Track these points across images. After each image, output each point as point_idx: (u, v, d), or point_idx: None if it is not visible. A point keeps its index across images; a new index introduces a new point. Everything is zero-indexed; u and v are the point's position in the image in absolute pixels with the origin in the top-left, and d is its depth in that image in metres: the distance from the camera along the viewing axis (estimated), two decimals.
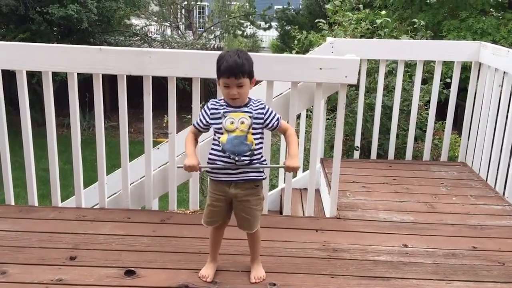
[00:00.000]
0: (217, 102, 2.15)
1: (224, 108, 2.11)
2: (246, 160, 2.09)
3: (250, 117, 2.09)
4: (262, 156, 2.17)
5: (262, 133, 2.15)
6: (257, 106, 2.13)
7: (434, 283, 2.28)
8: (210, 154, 2.16)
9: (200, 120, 2.16)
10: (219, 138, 2.10)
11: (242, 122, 2.08)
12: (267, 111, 2.15)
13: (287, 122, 2.92)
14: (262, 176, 2.19)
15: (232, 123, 2.08)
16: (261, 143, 2.15)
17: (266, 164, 2.25)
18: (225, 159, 2.10)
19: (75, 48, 2.75)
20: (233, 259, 2.41)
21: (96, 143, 2.89)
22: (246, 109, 2.11)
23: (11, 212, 2.86)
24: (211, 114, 2.13)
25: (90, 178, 3.49)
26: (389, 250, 2.56)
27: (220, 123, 2.10)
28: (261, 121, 2.13)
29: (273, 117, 2.15)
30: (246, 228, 2.22)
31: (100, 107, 2.83)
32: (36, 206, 2.99)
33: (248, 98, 2.13)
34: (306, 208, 3.05)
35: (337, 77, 2.72)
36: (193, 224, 2.78)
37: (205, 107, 2.17)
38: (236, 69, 2.00)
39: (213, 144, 2.15)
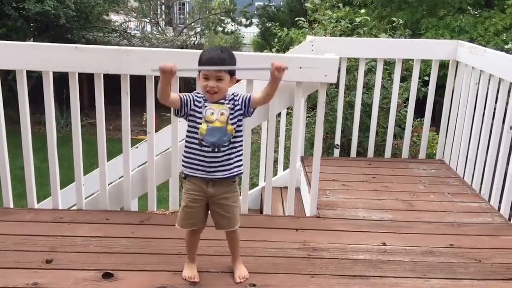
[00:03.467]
0: (197, 94, 2.13)
1: (203, 103, 2.09)
2: (226, 150, 2.09)
3: (229, 108, 2.09)
4: (241, 146, 2.16)
5: (241, 121, 2.13)
6: (231, 97, 2.12)
7: (412, 281, 2.31)
8: (185, 152, 2.13)
9: (187, 96, 2.10)
10: (197, 129, 2.08)
11: (222, 114, 2.08)
12: (239, 96, 2.13)
13: (268, 122, 2.92)
14: (241, 170, 2.18)
15: (212, 113, 2.07)
16: (240, 131, 2.14)
17: (241, 155, 2.20)
18: (203, 153, 2.08)
19: (51, 46, 2.69)
20: (212, 260, 2.39)
21: (73, 144, 2.83)
22: (224, 101, 2.10)
23: None
24: (195, 100, 2.10)
25: (68, 177, 3.42)
26: (368, 249, 2.58)
27: (201, 112, 2.08)
28: (238, 107, 2.11)
29: (245, 96, 2.13)
30: (227, 226, 2.19)
31: (77, 107, 2.78)
32: (12, 208, 2.92)
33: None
34: (287, 207, 3.05)
35: (316, 76, 2.72)
36: (172, 224, 2.69)
37: (192, 94, 2.13)
38: (217, 61, 2.00)
39: (188, 141, 2.13)
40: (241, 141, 2.16)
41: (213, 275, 2.29)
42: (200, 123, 2.07)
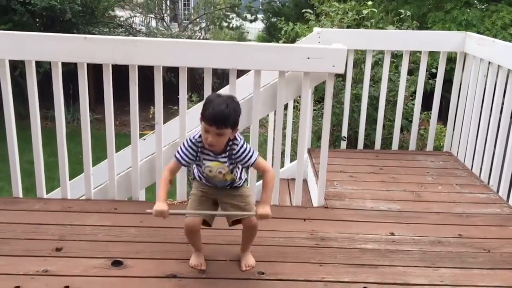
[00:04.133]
0: (196, 143, 2.12)
1: (201, 151, 2.12)
2: (227, 186, 2.21)
3: (227, 166, 2.13)
4: (242, 178, 2.23)
5: (241, 168, 2.21)
6: (229, 148, 2.11)
7: (421, 270, 2.31)
8: (194, 171, 2.24)
9: (183, 151, 2.14)
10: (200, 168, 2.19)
11: (220, 172, 2.13)
12: (244, 151, 2.12)
13: (275, 113, 2.92)
14: (242, 181, 2.25)
15: (210, 171, 2.14)
16: (240, 170, 2.21)
17: (247, 180, 2.31)
18: (208, 183, 2.21)
19: (59, 37, 2.70)
20: (220, 248, 2.40)
21: (82, 131, 2.84)
22: (224, 155, 2.12)
23: None
24: (191, 154, 2.13)
25: (75, 171, 3.44)
26: (376, 239, 2.58)
27: (200, 165, 2.17)
28: (238, 160, 2.14)
29: (250, 156, 2.13)
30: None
31: (85, 96, 2.79)
32: (21, 198, 2.94)
33: (230, 139, 2.11)
34: (294, 198, 3.06)
35: (324, 66, 2.71)
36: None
37: (187, 142, 2.14)
38: (220, 120, 1.99)
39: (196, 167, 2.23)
40: (241, 176, 2.23)
41: (221, 263, 2.30)
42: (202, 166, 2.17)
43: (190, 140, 2.13)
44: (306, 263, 2.33)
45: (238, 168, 2.18)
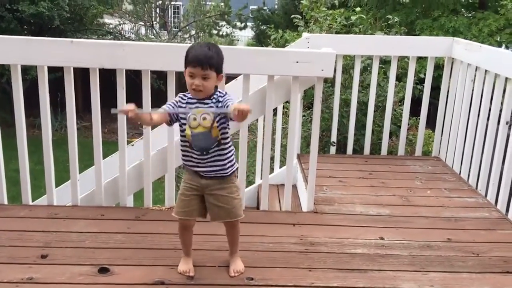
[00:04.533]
0: (184, 96, 2.11)
1: (187, 102, 2.08)
2: (214, 151, 2.08)
3: (212, 113, 2.05)
4: (230, 145, 2.15)
5: (227, 122, 2.10)
6: (216, 97, 2.07)
7: (410, 274, 2.30)
8: (180, 147, 2.15)
9: (171, 102, 2.11)
10: (184, 131, 2.09)
11: (204, 118, 2.04)
12: (224, 99, 2.06)
13: (264, 117, 2.91)
14: (231, 170, 2.15)
15: (194, 119, 2.05)
16: (227, 132, 2.12)
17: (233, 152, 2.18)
18: (193, 153, 2.10)
19: (46, 41, 2.68)
20: (209, 254, 2.38)
21: (68, 134, 2.80)
22: (208, 101, 2.06)
23: None
24: (178, 106, 2.09)
25: (63, 179, 3.39)
26: (366, 243, 2.57)
27: (185, 118, 2.08)
28: (222, 101, 2.06)
29: (229, 102, 2.05)
30: (224, 216, 2.16)
31: (72, 101, 2.75)
32: (6, 204, 2.89)
33: (215, 91, 2.08)
34: (283, 203, 3.04)
35: (313, 70, 2.71)
36: (168, 220, 2.71)
37: (176, 98, 2.14)
38: (203, 60, 1.96)
39: (181, 139, 2.15)
40: (229, 141, 2.15)
41: (210, 269, 2.27)
42: (185, 129, 2.08)
43: (179, 96, 2.11)
44: (295, 268, 2.31)
45: (225, 129, 2.09)
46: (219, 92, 2.09)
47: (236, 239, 2.28)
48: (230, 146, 2.15)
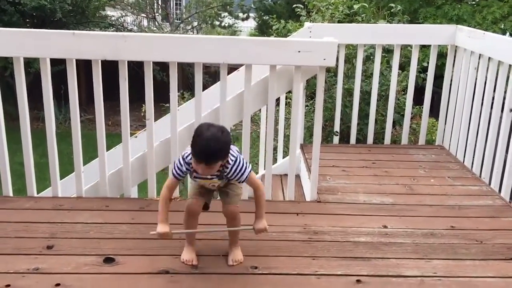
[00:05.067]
0: (188, 163, 2.11)
1: (193, 171, 2.12)
2: None
3: (219, 182, 2.16)
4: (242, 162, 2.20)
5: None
6: (226, 171, 2.11)
7: (414, 262, 2.30)
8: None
9: (179, 168, 2.14)
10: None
11: (213, 185, 2.18)
12: (236, 170, 2.11)
13: (267, 108, 2.91)
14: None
15: (203, 185, 2.18)
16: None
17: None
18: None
19: (48, 33, 2.67)
20: (213, 244, 2.39)
21: (71, 125, 2.81)
22: (215, 175, 2.12)
23: None
24: (185, 172, 2.15)
25: (68, 171, 3.41)
26: (369, 232, 2.58)
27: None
28: (229, 176, 2.14)
29: (241, 174, 2.13)
30: (227, 201, 2.22)
31: (75, 94, 2.76)
32: (11, 197, 2.91)
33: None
34: (287, 192, 3.05)
35: (315, 60, 2.71)
36: (173, 210, 2.72)
37: (180, 161, 2.13)
38: (209, 157, 1.98)
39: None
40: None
41: (213, 258, 2.29)
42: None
43: (183, 159, 2.12)
44: (299, 257, 2.32)
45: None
46: (227, 163, 2.10)
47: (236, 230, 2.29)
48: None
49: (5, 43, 2.63)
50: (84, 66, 2.80)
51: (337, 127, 4.01)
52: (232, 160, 2.10)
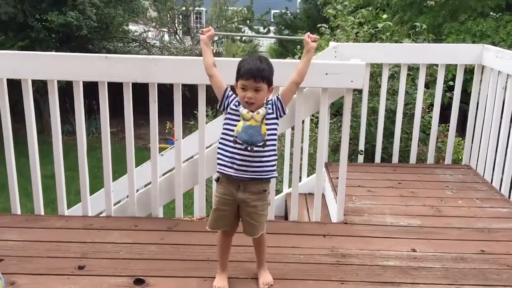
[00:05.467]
0: (237, 102, 2.16)
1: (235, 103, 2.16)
2: (259, 150, 2.10)
3: (264, 107, 2.13)
4: (275, 153, 2.17)
5: (276, 125, 2.16)
6: (268, 103, 2.15)
7: (444, 287, 2.28)
8: (219, 149, 2.17)
9: (231, 93, 2.19)
10: (234, 126, 2.12)
11: (258, 113, 2.11)
12: (270, 101, 2.17)
13: (292, 129, 2.93)
14: (273, 174, 2.18)
15: (248, 112, 2.10)
16: (274, 134, 2.16)
17: (275, 156, 2.20)
18: (235, 150, 2.11)
19: (82, 57, 2.75)
20: (242, 266, 2.40)
21: (102, 150, 2.88)
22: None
23: (17, 222, 2.85)
24: (235, 100, 2.16)
25: (91, 185, 3.46)
26: (398, 255, 2.56)
27: (238, 110, 2.12)
28: (270, 111, 2.14)
29: (274, 99, 2.18)
30: (250, 233, 2.21)
31: (106, 115, 2.83)
32: (43, 215, 2.97)
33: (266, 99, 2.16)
34: (313, 213, 3.05)
35: (343, 82, 2.72)
36: (200, 231, 2.77)
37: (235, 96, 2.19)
38: (256, 72, 2.02)
39: (222, 139, 2.16)
40: (274, 145, 2.16)
41: (242, 281, 2.30)
42: (238, 120, 2.12)
43: (234, 95, 2.17)
44: (327, 281, 2.31)
45: (273, 124, 2.16)
46: (269, 100, 2.16)
47: (262, 250, 2.30)
48: (274, 153, 2.17)
49: (40, 66, 2.72)
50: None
51: (361, 146, 4.00)
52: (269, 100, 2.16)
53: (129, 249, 2.56)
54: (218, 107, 2.23)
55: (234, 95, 2.18)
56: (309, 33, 2.28)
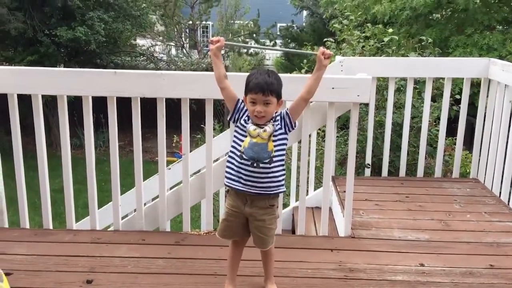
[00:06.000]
0: (247, 117, 2.17)
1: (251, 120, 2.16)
2: (265, 167, 2.10)
3: (272, 125, 2.13)
4: (283, 168, 2.17)
5: (284, 141, 2.17)
6: (276, 116, 2.16)
7: None
8: (227, 162, 2.18)
9: (243, 105, 2.18)
10: (241, 141, 2.13)
11: (265, 130, 2.11)
12: (278, 115, 2.17)
13: (299, 142, 2.94)
14: (280, 188, 2.18)
15: (254, 129, 2.11)
16: (283, 150, 2.16)
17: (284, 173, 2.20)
18: (242, 166, 2.12)
19: (90, 72, 2.79)
20: (249, 280, 2.40)
21: (110, 165, 2.90)
22: (269, 122, 2.15)
23: (26, 236, 2.87)
24: (245, 114, 2.17)
25: (98, 198, 3.48)
26: (406, 270, 2.54)
27: (245, 126, 2.13)
28: (278, 127, 2.15)
29: (282, 113, 2.18)
30: (260, 246, 2.23)
31: (115, 130, 2.85)
32: (51, 229, 2.99)
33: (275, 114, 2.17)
34: (320, 227, 3.04)
35: (349, 96, 2.74)
36: (207, 245, 2.78)
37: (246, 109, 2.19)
38: (265, 86, 2.04)
39: (231, 152, 2.17)
40: (282, 160, 2.17)
41: None
42: (245, 136, 2.13)
43: (246, 109, 2.17)
44: None
45: (281, 139, 2.15)
46: (277, 115, 2.18)
47: (269, 263, 2.30)
48: (282, 168, 2.17)
49: (51, 82, 2.76)
50: None
51: (368, 159, 4.00)
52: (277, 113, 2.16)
53: (136, 263, 2.56)
54: (228, 119, 2.25)
55: (245, 109, 2.18)
56: (324, 49, 2.20)
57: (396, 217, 3.21)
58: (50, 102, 9.26)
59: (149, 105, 2.98)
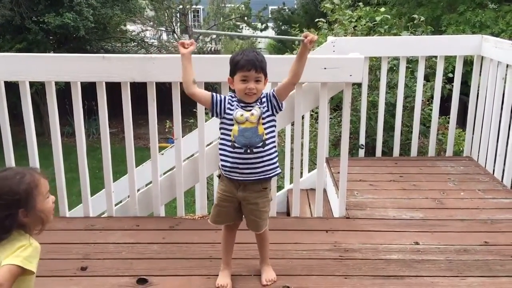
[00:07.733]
0: (232, 97, 2.14)
1: (236, 104, 2.11)
2: (259, 151, 2.08)
3: (259, 108, 2.09)
4: (275, 150, 2.15)
5: (273, 122, 2.14)
6: (262, 98, 2.13)
7: (448, 280, 2.27)
8: (220, 153, 2.14)
9: (219, 97, 2.14)
10: (230, 131, 2.09)
11: (252, 114, 2.08)
12: (264, 96, 2.14)
13: (293, 124, 2.92)
14: (276, 171, 2.16)
15: (241, 115, 2.08)
16: (273, 132, 2.14)
17: (276, 154, 2.17)
18: (236, 155, 2.09)
19: (78, 57, 2.74)
20: (245, 263, 2.39)
21: (102, 151, 2.87)
22: (254, 104, 2.11)
23: None
24: (227, 102, 2.12)
25: (92, 185, 3.45)
26: (401, 248, 2.55)
27: (231, 114, 2.09)
28: (265, 109, 2.11)
29: (268, 93, 2.14)
30: (254, 229, 2.22)
31: (105, 115, 2.82)
32: None
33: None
34: (315, 208, 3.04)
35: (342, 76, 2.71)
36: (202, 229, 2.77)
37: (225, 96, 2.16)
38: (256, 63, 2.03)
39: (221, 143, 2.14)
40: (274, 142, 2.15)
41: (245, 278, 2.29)
42: (232, 125, 2.09)
43: (228, 96, 2.14)
44: (331, 276, 2.31)
45: (270, 121, 2.12)
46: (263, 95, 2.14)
47: (265, 246, 2.30)
48: (274, 150, 2.15)
49: (38, 69, 2.70)
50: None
51: (362, 140, 3.99)
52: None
53: (131, 249, 2.55)
54: (211, 116, 2.21)
55: (223, 97, 2.13)
56: (307, 33, 2.15)
57: (391, 197, 3.21)
58: (40, 91, 9.17)
59: (141, 91, 2.94)
